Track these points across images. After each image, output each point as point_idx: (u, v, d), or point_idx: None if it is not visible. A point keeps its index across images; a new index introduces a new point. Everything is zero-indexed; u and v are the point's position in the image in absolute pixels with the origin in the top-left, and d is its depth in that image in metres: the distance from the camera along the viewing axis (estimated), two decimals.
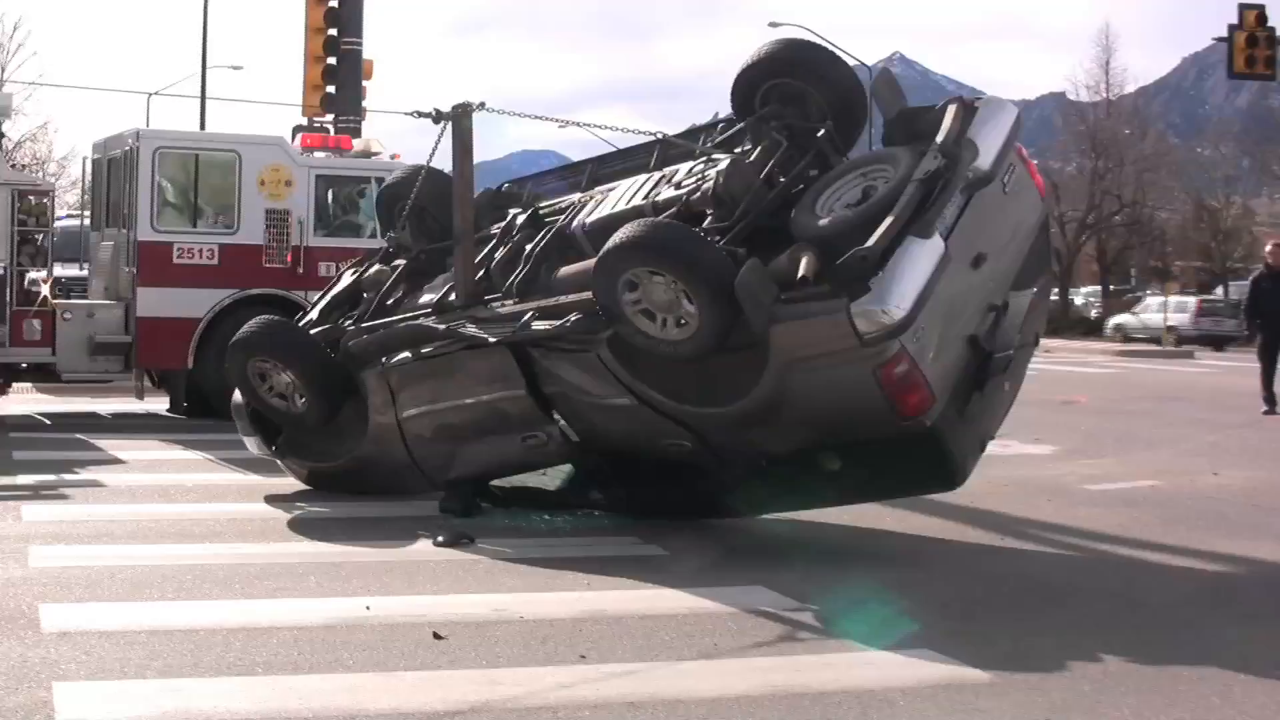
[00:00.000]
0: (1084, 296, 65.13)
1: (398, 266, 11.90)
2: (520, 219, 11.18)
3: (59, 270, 18.10)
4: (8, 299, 16.39)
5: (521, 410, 10.17)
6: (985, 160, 9.20)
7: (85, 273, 19.35)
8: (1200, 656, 7.09)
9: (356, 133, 22.91)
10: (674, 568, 9.04)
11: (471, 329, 10.19)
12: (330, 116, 24.64)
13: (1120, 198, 60.47)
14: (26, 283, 16.80)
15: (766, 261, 8.80)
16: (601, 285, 9.17)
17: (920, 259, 8.60)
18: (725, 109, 10.65)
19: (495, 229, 11.32)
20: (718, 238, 9.28)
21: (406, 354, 10.60)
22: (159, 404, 18.17)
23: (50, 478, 12.29)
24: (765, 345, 8.73)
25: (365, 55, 25.22)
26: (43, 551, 9.19)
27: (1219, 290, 59.60)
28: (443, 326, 10.43)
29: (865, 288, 8.44)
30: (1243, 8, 33.26)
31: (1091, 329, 52.51)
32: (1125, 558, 10.02)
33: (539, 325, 9.74)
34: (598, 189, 11.20)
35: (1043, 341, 11.57)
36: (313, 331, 11.69)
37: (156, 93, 58.84)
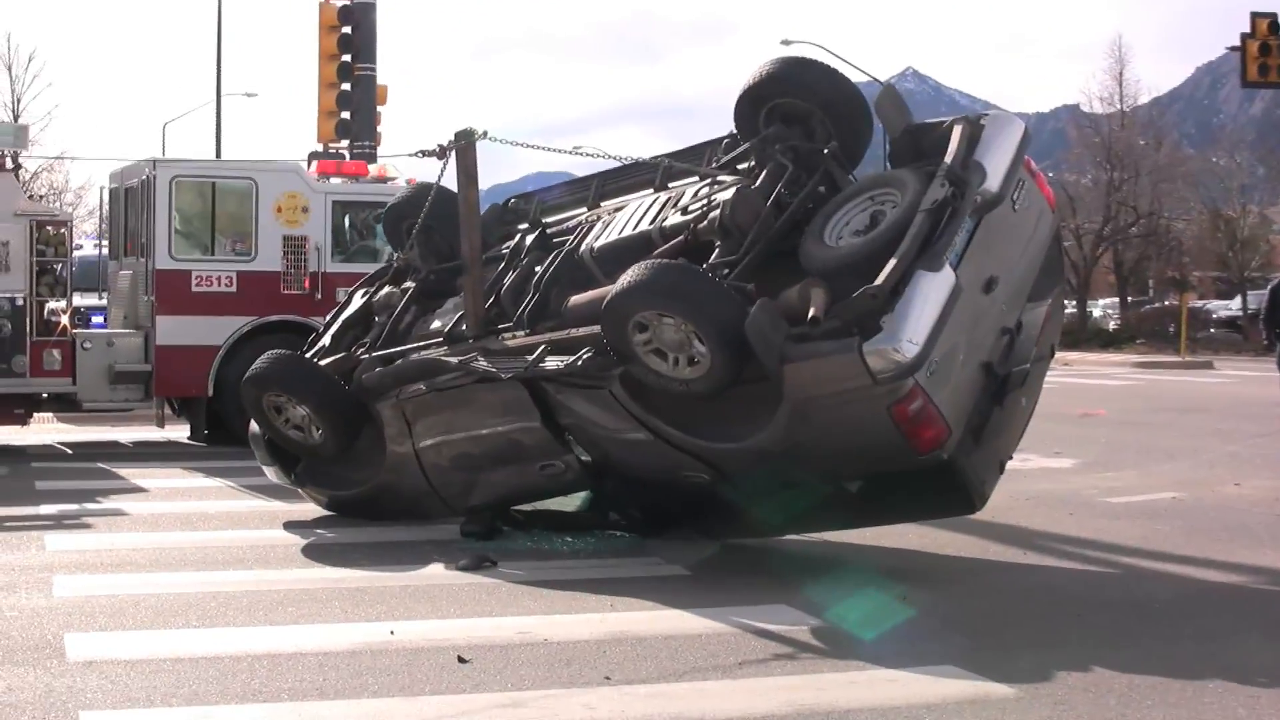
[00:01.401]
0: (1102, 308, 64.86)
1: (408, 288, 11.91)
2: (529, 239, 11.16)
3: (78, 300, 18.16)
4: (27, 329, 16.46)
5: (537, 440, 10.16)
6: (994, 181, 9.06)
7: (104, 302, 19.43)
8: (1226, 669, 7.07)
9: (371, 158, 22.97)
10: (696, 588, 9.05)
11: (483, 364, 10.14)
12: (345, 142, 24.73)
13: (1136, 209, 60.19)
14: (46, 313, 16.86)
15: (776, 287, 8.75)
16: (611, 327, 9.11)
17: (931, 293, 8.50)
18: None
19: (504, 249, 11.30)
20: (726, 271, 9.23)
21: (420, 385, 10.59)
22: (180, 432, 18.21)
23: (73, 507, 12.33)
24: (778, 383, 8.65)
25: (380, 80, 25.30)
26: (67, 581, 9.22)
27: (1236, 299, 59.33)
28: (455, 360, 10.38)
29: (877, 326, 8.35)
30: (1255, 16, 33.25)
31: (1110, 341, 52.25)
32: (1148, 570, 10.00)
33: (551, 361, 9.69)
34: (605, 205, 11.19)
35: (1061, 354, 11.52)
36: (326, 361, 11.69)
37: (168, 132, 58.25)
